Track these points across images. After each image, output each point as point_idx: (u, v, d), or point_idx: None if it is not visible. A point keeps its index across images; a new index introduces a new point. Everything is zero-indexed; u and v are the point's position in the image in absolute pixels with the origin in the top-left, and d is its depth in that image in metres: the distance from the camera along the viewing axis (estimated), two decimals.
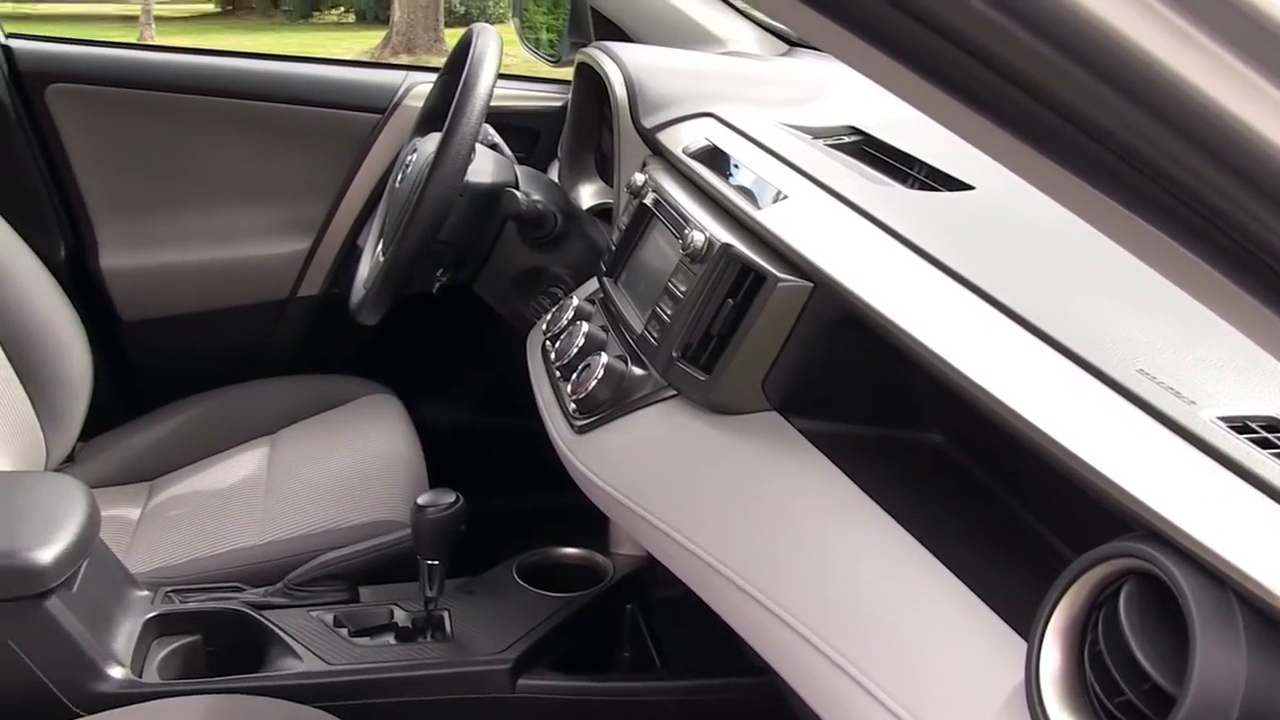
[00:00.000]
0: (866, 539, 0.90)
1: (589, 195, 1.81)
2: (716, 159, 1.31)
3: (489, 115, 1.49)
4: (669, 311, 1.14)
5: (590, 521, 1.43)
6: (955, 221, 1.11)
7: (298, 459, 1.76)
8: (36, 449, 1.65)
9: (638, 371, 1.19)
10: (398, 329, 1.71)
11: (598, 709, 1.38)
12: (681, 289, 1.14)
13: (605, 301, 1.36)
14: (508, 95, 2.02)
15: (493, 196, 1.56)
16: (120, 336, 2.11)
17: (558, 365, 1.31)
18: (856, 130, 1.45)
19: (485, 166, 1.58)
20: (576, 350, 1.28)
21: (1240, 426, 0.69)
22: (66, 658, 1.19)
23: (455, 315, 1.84)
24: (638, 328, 1.21)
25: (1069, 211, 0.55)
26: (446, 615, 1.40)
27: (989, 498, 0.94)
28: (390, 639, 1.37)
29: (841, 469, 0.97)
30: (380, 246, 1.67)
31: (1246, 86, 0.47)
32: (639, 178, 1.39)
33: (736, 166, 1.27)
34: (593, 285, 1.47)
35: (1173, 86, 0.48)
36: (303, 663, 1.31)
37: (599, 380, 1.20)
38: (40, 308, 1.71)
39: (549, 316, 1.44)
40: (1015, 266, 0.97)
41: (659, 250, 1.27)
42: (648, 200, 1.33)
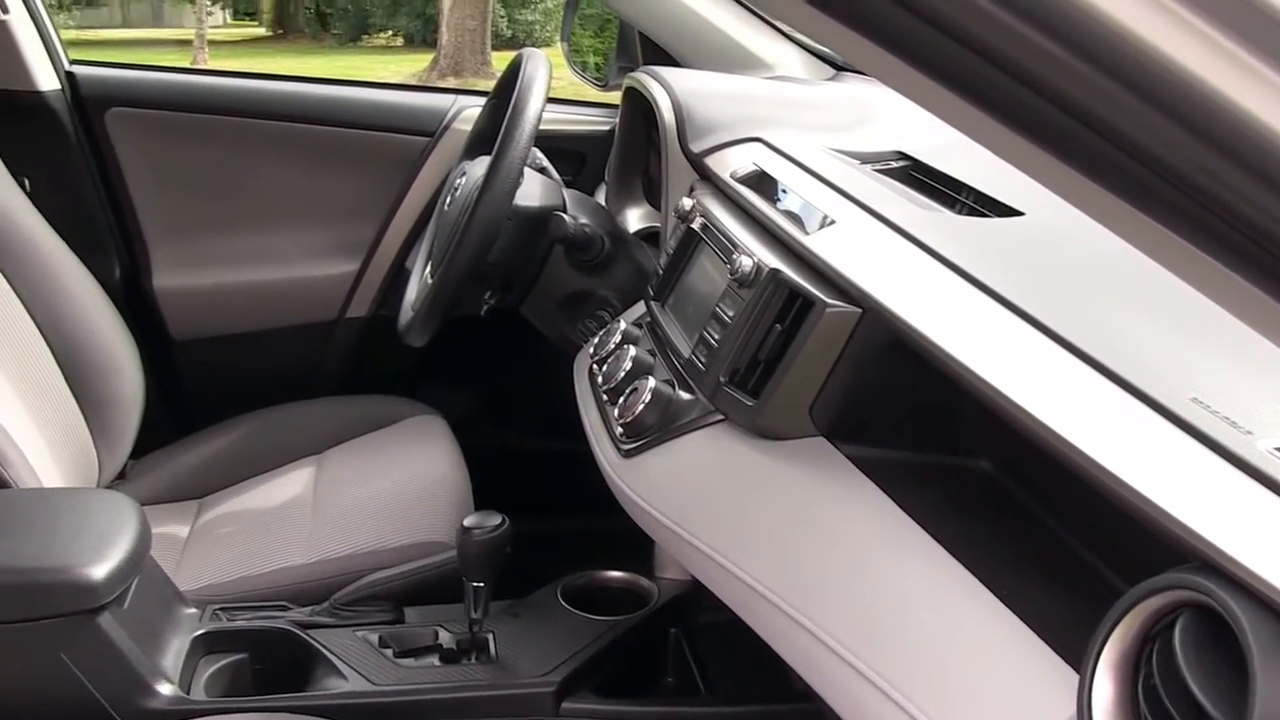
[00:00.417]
0: (914, 565, 0.90)
1: (636, 219, 1.82)
2: (764, 184, 1.31)
3: (537, 139, 1.50)
4: (716, 336, 1.15)
5: (635, 545, 1.43)
6: (1004, 247, 1.10)
7: (344, 479, 1.77)
8: (89, 466, 1.68)
9: (685, 396, 1.19)
10: (445, 351, 1.72)
11: None
12: (729, 314, 1.14)
13: (652, 325, 1.37)
14: (555, 119, 2.03)
15: (541, 220, 1.57)
16: (171, 356, 2.14)
17: (605, 389, 1.31)
18: (904, 155, 1.45)
19: (533, 190, 1.59)
20: (624, 374, 1.28)
21: None
22: (117, 673, 1.20)
23: (502, 338, 1.85)
24: (685, 352, 1.21)
25: (1119, 237, 0.55)
26: (491, 637, 1.40)
27: (1038, 525, 0.93)
28: (435, 660, 1.37)
29: (889, 495, 0.96)
30: (429, 269, 1.68)
31: None
32: (686, 202, 1.39)
33: (784, 191, 1.27)
34: (639, 309, 1.48)
35: (1229, 115, 0.47)
36: (348, 683, 1.32)
37: (646, 404, 1.20)
38: (96, 327, 1.73)
39: (596, 340, 1.44)
40: (1066, 293, 0.97)
41: (706, 275, 1.28)
42: (695, 225, 1.34)
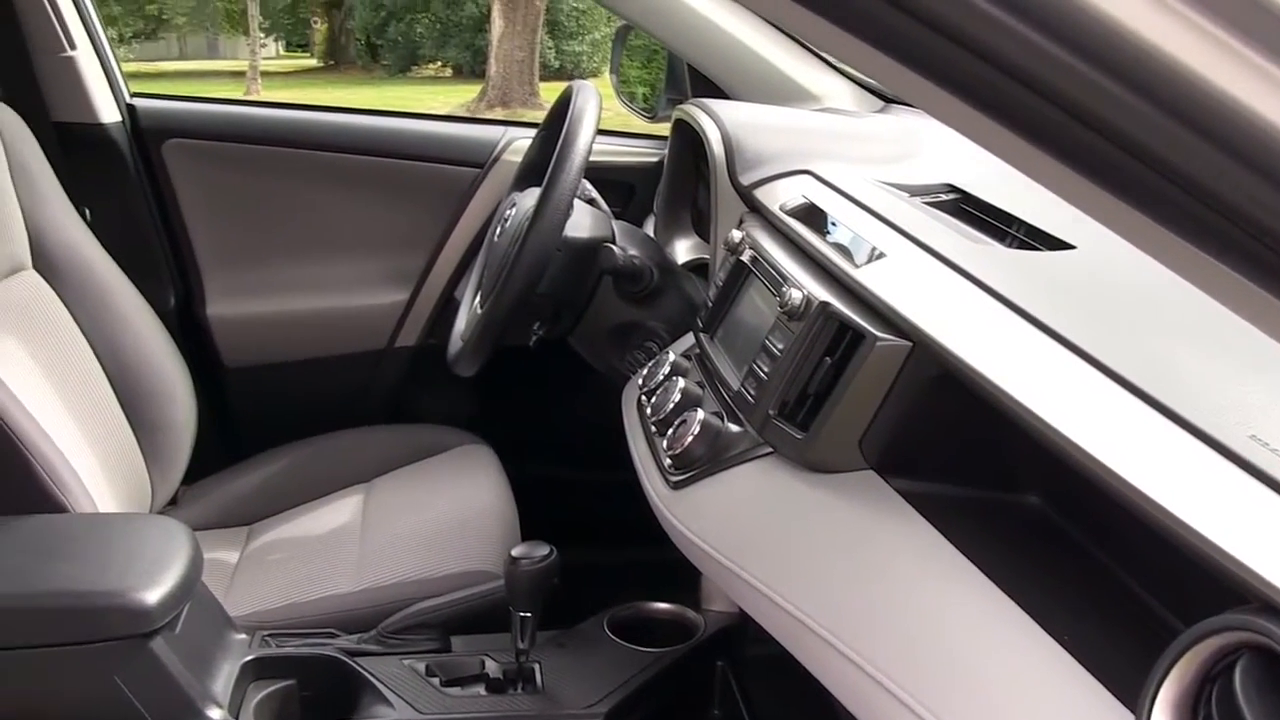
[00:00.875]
0: (964, 601, 0.89)
1: (684, 250, 1.82)
2: (814, 216, 1.31)
3: (586, 170, 1.52)
4: (766, 369, 1.14)
5: (681, 576, 1.43)
6: (1056, 281, 1.10)
7: (392, 507, 1.78)
8: (142, 492, 1.70)
9: (734, 428, 1.19)
10: (493, 380, 1.73)
11: None
12: (779, 346, 1.14)
13: (701, 357, 1.37)
14: (604, 150, 2.04)
15: (590, 251, 1.58)
16: (223, 383, 2.16)
17: (653, 420, 1.32)
18: (954, 188, 1.44)
19: (583, 221, 1.60)
20: (673, 406, 1.28)
21: None
22: (169, 697, 1.21)
23: (550, 368, 1.86)
24: (734, 384, 1.21)
25: (1172, 271, 0.55)
26: (537, 667, 1.40)
27: (1090, 562, 0.92)
28: (481, 689, 1.38)
29: (939, 529, 0.96)
30: (478, 299, 1.69)
31: None
32: (736, 234, 1.39)
33: (834, 224, 1.27)
34: (688, 341, 1.48)
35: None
36: (395, 711, 1.32)
37: (695, 436, 1.20)
38: (151, 355, 1.76)
39: (645, 371, 1.44)
40: (1119, 328, 0.96)
41: (756, 307, 1.28)
42: (745, 257, 1.34)
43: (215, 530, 1.80)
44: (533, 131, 1.93)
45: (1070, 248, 1.16)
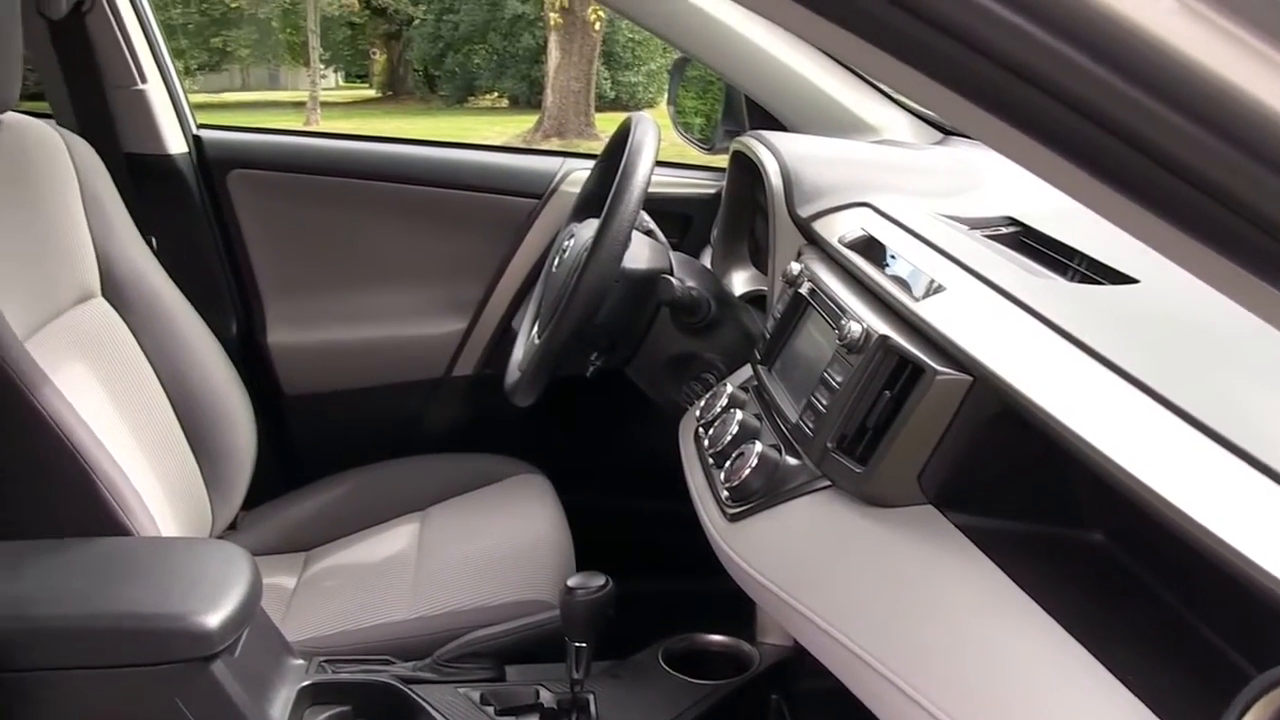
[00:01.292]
0: (1025, 638, 0.88)
1: (741, 282, 1.82)
2: (872, 249, 1.31)
3: (644, 201, 1.52)
4: (824, 402, 1.14)
5: (736, 608, 1.42)
6: (1120, 316, 1.08)
7: (447, 536, 1.79)
8: (203, 516, 1.72)
9: (792, 461, 1.19)
10: (549, 410, 1.73)
11: None
12: (837, 379, 1.13)
13: (759, 390, 1.37)
14: (662, 181, 2.05)
15: (648, 282, 1.58)
16: (283, 410, 2.19)
17: (711, 452, 1.31)
18: (1014, 221, 1.43)
19: (641, 253, 1.60)
20: (730, 438, 1.28)
21: None
22: None
23: (607, 398, 1.86)
24: (792, 417, 1.21)
25: (1240, 306, 0.54)
26: (592, 698, 1.40)
27: (1156, 602, 0.91)
28: (535, 719, 1.38)
29: (999, 565, 0.95)
30: (536, 329, 1.70)
31: None
32: (794, 267, 1.39)
33: (893, 257, 1.27)
34: (745, 372, 1.48)
35: None
36: None
37: (753, 469, 1.20)
38: (213, 381, 1.78)
39: (702, 403, 1.44)
40: (1185, 364, 0.95)
41: (814, 340, 1.27)
42: (803, 289, 1.34)
43: (273, 555, 1.82)
44: (590, 163, 1.95)
45: (1134, 281, 1.14)
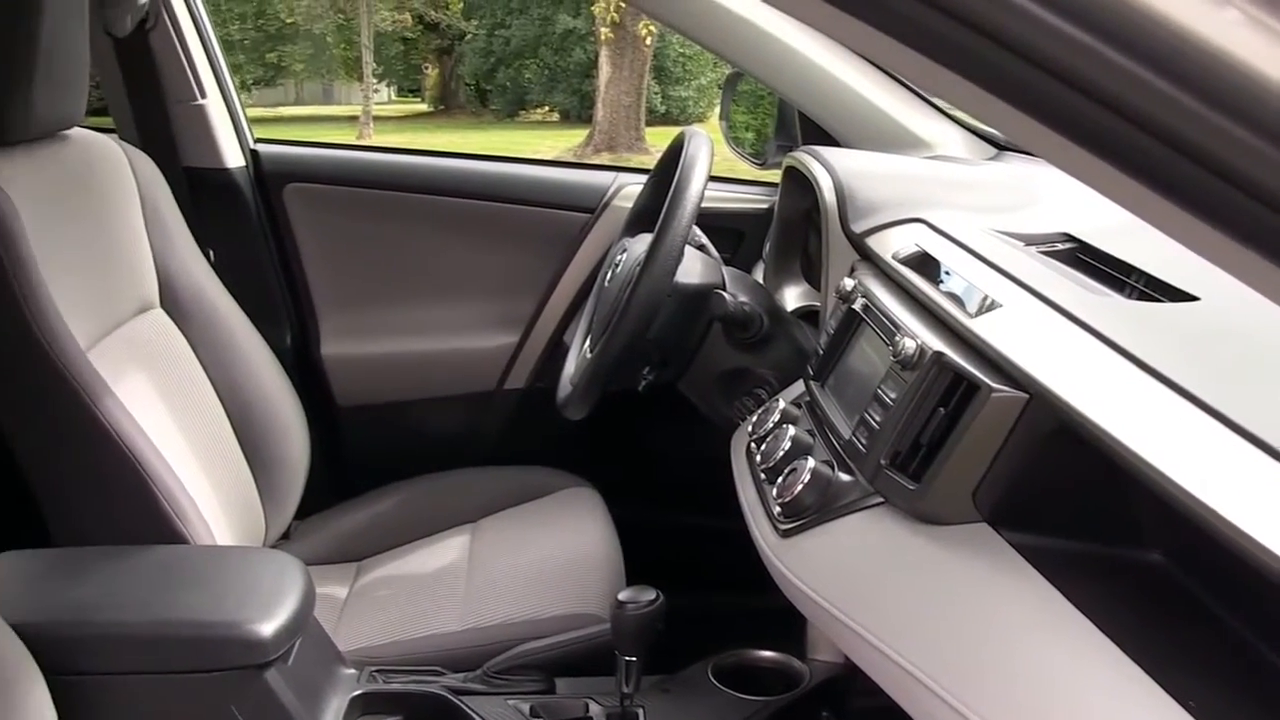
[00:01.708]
0: (1081, 658, 0.87)
1: (794, 297, 1.82)
2: (927, 265, 1.30)
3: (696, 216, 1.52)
4: (878, 418, 1.14)
5: (786, 624, 1.42)
6: (1179, 334, 1.07)
7: (498, 548, 1.80)
8: (257, 526, 1.74)
9: (844, 477, 1.19)
10: (600, 424, 1.74)
11: None
12: (891, 396, 1.13)
13: (812, 405, 1.36)
14: (714, 197, 2.05)
15: (701, 297, 1.59)
16: (336, 421, 2.21)
17: (763, 468, 1.31)
18: (1070, 237, 1.42)
19: (694, 268, 1.61)
20: (782, 453, 1.28)
21: None
22: None
23: (658, 412, 1.86)
24: (845, 433, 1.21)
25: None
26: (641, 712, 1.40)
27: (1216, 624, 0.90)
28: None
29: (1054, 584, 0.94)
30: (588, 343, 1.71)
31: None
32: (848, 283, 1.39)
33: (947, 273, 1.26)
34: (798, 388, 1.47)
35: None
36: None
37: (805, 485, 1.19)
38: (268, 392, 1.80)
39: (754, 418, 1.44)
40: (1246, 382, 0.93)
41: (867, 356, 1.27)
42: (857, 305, 1.33)
43: (325, 565, 1.84)
44: (643, 177, 1.95)
45: (1194, 299, 1.13)
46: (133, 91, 2.08)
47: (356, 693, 1.39)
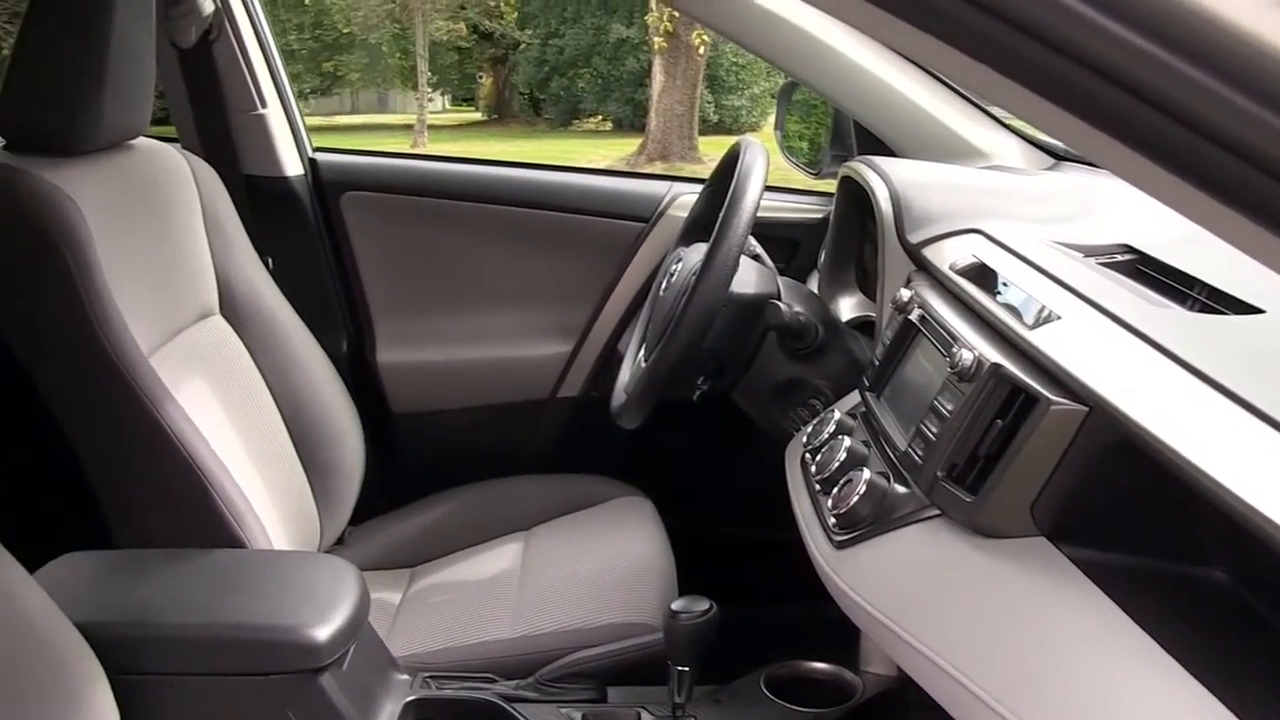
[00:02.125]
0: (1143, 676, 0.86)
1: (848, 308, 1.81)
2: (984, 276, 1.29)
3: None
4: (934, 430, 1.13)
5: (839, 636, 1.41)
6: (1244, 346, 1.06)
7: (551, 556, 1.80)
8: (312, 531, 1.75)
9: (900, 489, 1.18)
10: (654, 433, 1.74)
11: None
12: (948, 407, 1.12)
13: (867, 416, 1.36)
14: (768, 206, 2.04)
15: (756, 307, 1.58)
16: (391, 428, 2.23)
17: (818, 479, 1.31)
18: (1131, 248, 1.40)
19: (749, 277, 1.60)
20: (838, 464, 1.27)
21: None
22: None
23: (713, 422, 1.86)
24: (901, 445, 1.20)
25: None
26: None
27: None
28: None
29: (1115, 601, 0.93)
30: (642, 353, 1.71)
31: None
32: (904, 293, 1.38)
33: (1005, 284, 1.25)
34: (853, 399, 1.47)
35: None
36: None
37: (860, 496, 1.19)
38: (324, 398, 1.82)
39: (809, 429, 1.44)
40: None
41: (924, 367, 1.26)
42: (913, 316, 1.33)
43: (379, 571, 1.85)
44: (698, 187, 1.96)
45: (1259, 311, 1.11)
46: (195, 101, 2.11)
47: (410, 698, 1.40)
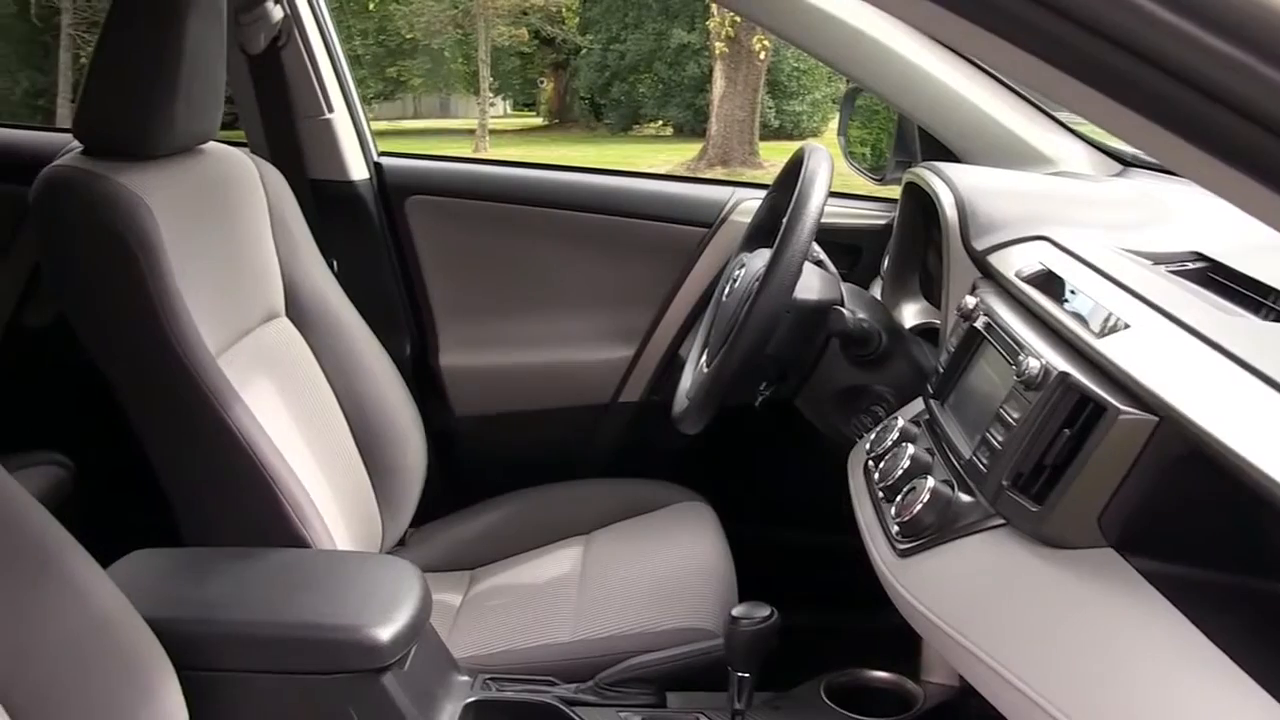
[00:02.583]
0: (1215, 692, 0.85)
1: (911, 315, 1.79)
2: (1051, 284, 1.28)
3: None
4: (1000, 438, 1.12)
5: (900, 645, 1.40)
6: None
7: (611, 560, 1.81)
8: (374, 532, 1.77)
9: (965, 498, 1.17)
10: (715, 439, 1.74)
11: None
12: (1014, 416, 1.11)
13: (931, 424, 1.35)
14: (831, 212, 2.02)
15: (819, 313, 1.58)
16: (453, 431, 2.24)
17: (881, 486, 1.30)
18: (1202, 256, 1.38)
19: (812, 283, 1.60)
20: (901, 472, 1.26)
21: None
22: None
23: (774, 428, 1.85)
24: (966, 453, 1.19)
25: None
26: None
27: None
28: None
29: (1186, 615, 0.91)
30: (704, 358, 1.71)
31: None
32: (970, 300, 1.37)
33: (1073, 292, 1.24)
34: (916, 406, 1.46)
35: None
36: None
37: (924, 504, 1.18)
38: (387, 401, 1.84)
39: (872, 436, 1.43)
40: None
41: (989, 375, 1.25)
42: (979, 324, 1.31)
43: (439, 573, 1.86)
44: (761, 193, 1.95)
45: None
46: (264, 106, 2.14)
47: (470, 700, 1.41)
